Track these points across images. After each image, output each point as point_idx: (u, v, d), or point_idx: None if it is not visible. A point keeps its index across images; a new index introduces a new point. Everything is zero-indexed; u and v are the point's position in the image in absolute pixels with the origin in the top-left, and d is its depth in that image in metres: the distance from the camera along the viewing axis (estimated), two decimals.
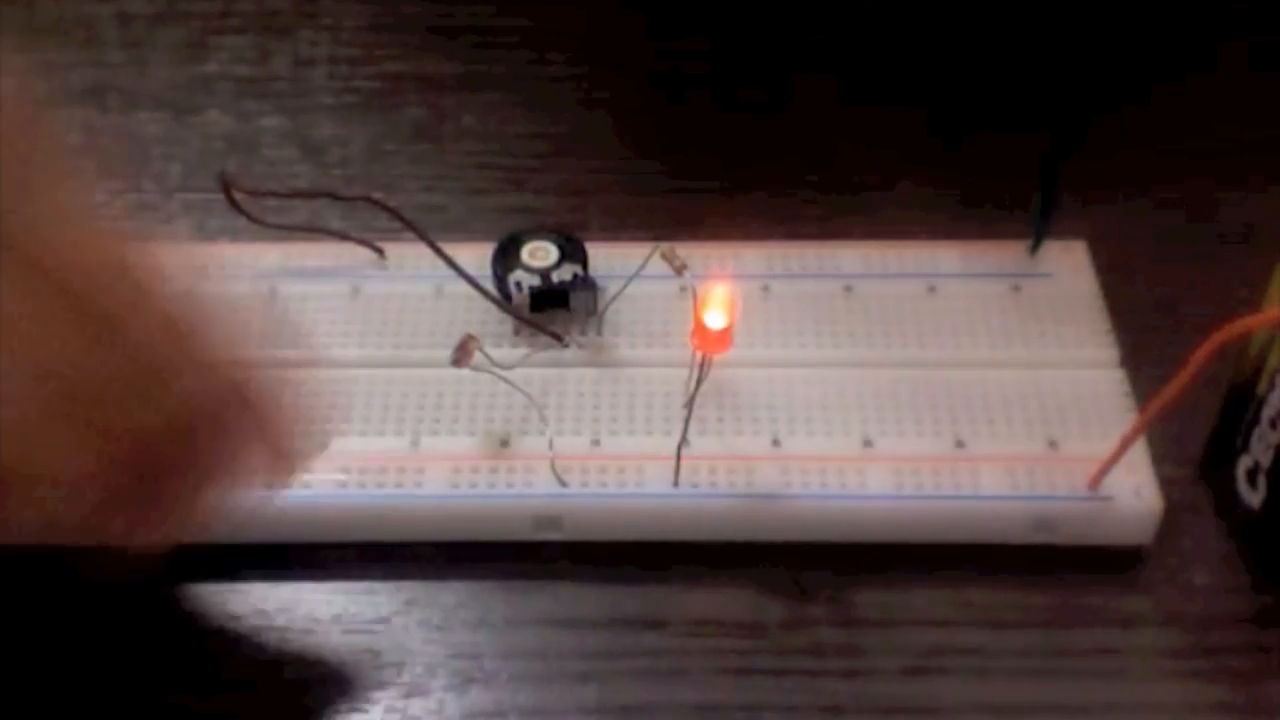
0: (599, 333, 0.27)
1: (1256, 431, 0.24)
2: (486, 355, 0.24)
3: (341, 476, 0.25)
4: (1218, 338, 0.21)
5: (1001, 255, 0.28)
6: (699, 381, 0.24)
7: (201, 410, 0.20)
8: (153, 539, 0.21)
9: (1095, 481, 0.24)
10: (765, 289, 0.27)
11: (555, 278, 0.26)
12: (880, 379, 0.26)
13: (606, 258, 0.27)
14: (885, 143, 0.31)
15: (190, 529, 0.21)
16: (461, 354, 0.24)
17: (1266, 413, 0.23)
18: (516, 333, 0.27)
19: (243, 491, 0.21)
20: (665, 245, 0.26)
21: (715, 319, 0.23)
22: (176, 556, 0.23)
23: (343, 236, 0.28)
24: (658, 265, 0.25)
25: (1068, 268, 0.27)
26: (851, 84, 0.33)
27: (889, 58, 0.33)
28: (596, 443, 0.25)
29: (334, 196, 0.29)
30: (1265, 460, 0.23)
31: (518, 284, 0.26)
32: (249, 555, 0.24)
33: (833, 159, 0.31)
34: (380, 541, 0.25)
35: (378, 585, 0.24)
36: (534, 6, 0.34)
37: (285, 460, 0.22)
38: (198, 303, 0.21)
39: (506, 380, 0.25)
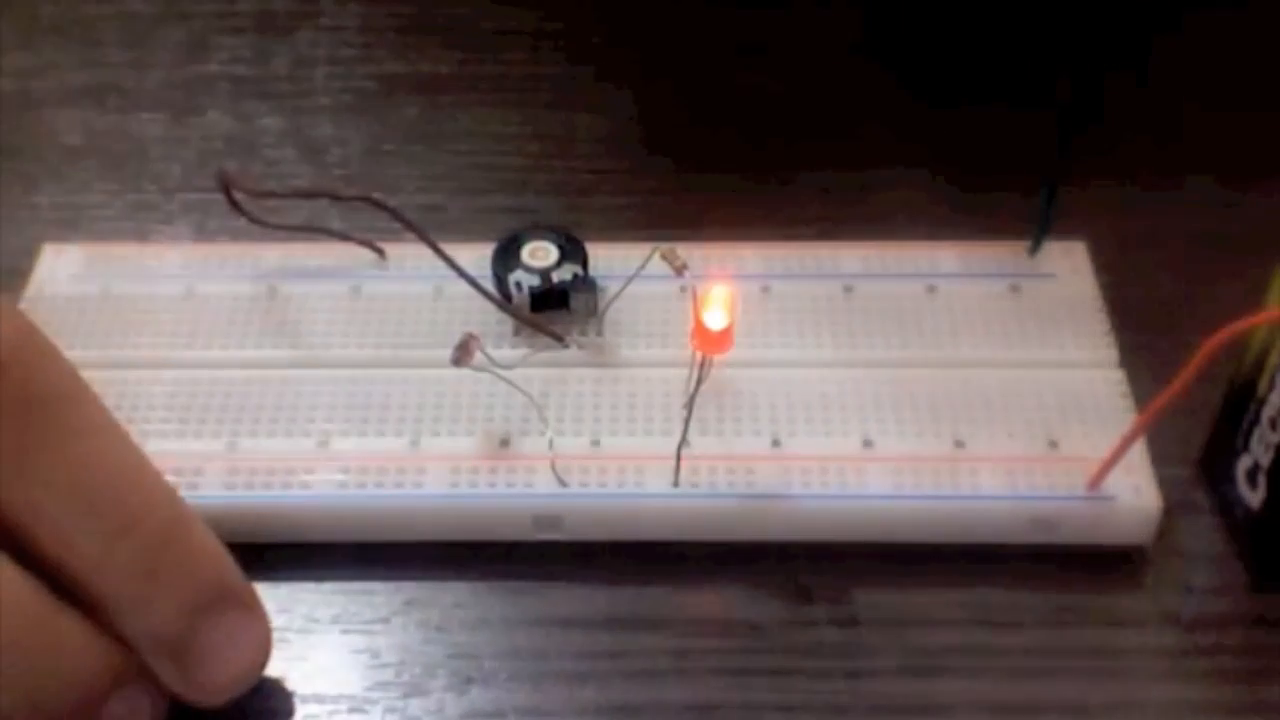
0: (599, 333, 0.27)
1: (1256, 431, 0.24)
2: (487, 355, 0.24)
3: (341, 476, 0.25)
4: (1218, 338, 0.21)
5: (1001, 255, 0.28)
6: (699, 381, 0.24)
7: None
8: None
9: (1095, 481, 0.24)
10: (765, 289, 0.27)
11: (555, 278, 0.26)
12: (880, 379, 0.26)
13: (606, 258, 0.27)
14: (885, 142, 0.31)
15: None
16: (462, 353, 0.24)
17: (1266, 413, 0.23)
18: (516, 333, 0.27)
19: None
20: (665, 245, 0.25)
21: (715, 319, 0.23)
22: None
23: (343, 236, 0.28)
24: (658, 265, 0.25)
25: (1068, 268, 0.27)
26: (851, 84, 0.33)
27: (889, 57, 0.33)
28: (596, 443, 0.25)
29: (334, 197, 0.29)
30: (1265, 460, 0.23)
31: (518, 284, 0.26)
32: (246, 555, 0.24)
33: (833, 158, 0.31)
34: (380, 541, 0.25)
35: (376, 585, 0.24)
36: (533, 7, 0.34)
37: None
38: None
39: (506, 380, 0.25)
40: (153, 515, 0.21)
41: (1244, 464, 0.24)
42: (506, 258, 0.27)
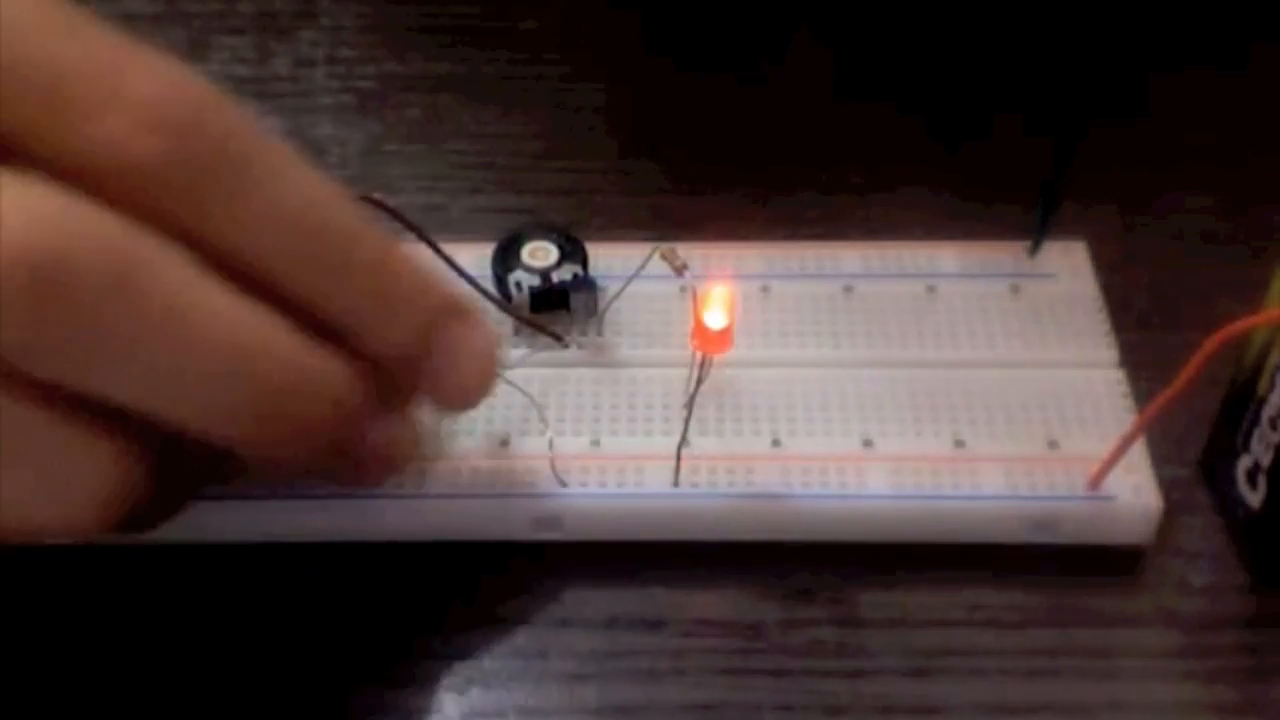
0: (599, 333, 0.27)
1: (1256, 431, 0.24)
2: None
3: None
4: (1218, 338, 0.21)
5: (1001, 255, 0.28)
6: (699, 381, 0.24)
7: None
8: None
9: (1095, 481, 0.24)
10: (765, 289, 0.27)
11: (555, 278, 0.26)
12: (880, 379, 0.26)
13: (606, 258, 0.27)
14: (885, 143, 0.31)
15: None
16: None
17: (1266, 413, 0.23)
18: (516, 333, 0.27)
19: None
20: (665, 245, 0.26)
21: (715, 319, 0.23)
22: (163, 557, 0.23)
23: None
24: (658, 265, 0.25)
25: (1068, 268, 0.27)
26: (851, 84, 0.33)
27: (889, 58, 0.33)
28: (596, 443, 0.25)
29: None
30: (1265, 460, 0.23)
31: (518, 284, 0.26)
32: (246, 555, 0.24)
33: (833, 159, 0.31)
34: (379, 541, 0.25)
35: (376, 586, 0.24)
36: (532, 7, 0.35)
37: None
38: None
39: (506, 380, 0.25)
40: (367, 238, 0.21)
41: (1244, 464, 0.24)
42: (506, 258, 0.27)
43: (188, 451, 0.21)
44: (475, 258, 0.27)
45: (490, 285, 0.26)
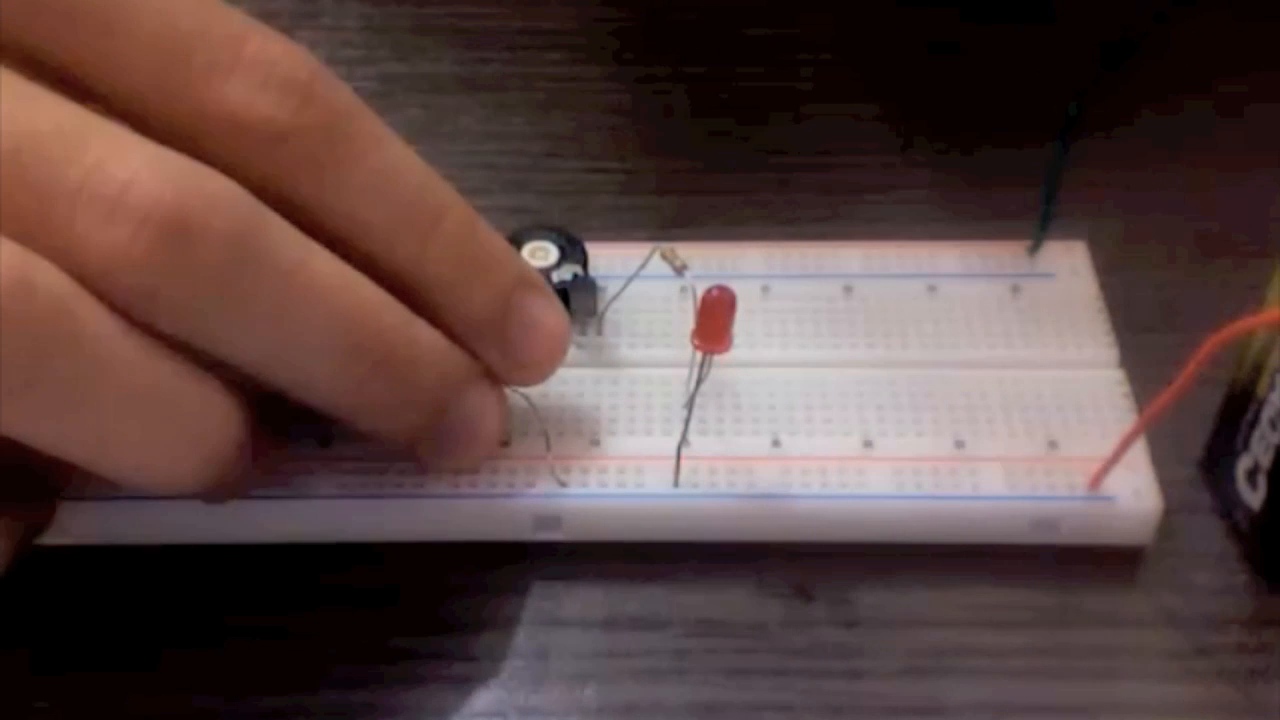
0: (599, 333, 0.27)
1: (1256, 431, 0.24)
2: None
3: (342, 477, 0.24)
4: (1218, 338, 0.21)
5: (1001, 255, 0.28)
6: (699, 381, 0.24)
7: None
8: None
9: (1095, 482, 0.24)
10: (765, 289, 0.27)
11: (555, 278, 0.26)
12: (880, 379, 0.26)
13: (606, 258, 0.27)
14: (885, 142, 0.31)
15: None
16: None
17: (1266, 413, 0.23)
18: None
19: None
20: (665, 245, 0.26)
21: (715, 319, 0.23)
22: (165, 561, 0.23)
23: None
24: (658, 265, 0.25)
25: (1068, 268, 0.27)
26: (851, 83, 0.33)
27: (889, 57, 0.33)
28: (596, 443, 0.25)
29: None
30: (1265, 460, 0.23)
31: None
32: (245, 556, 0.24)
33: (833, 159, 0.31)
34: (379, 541, 0.25)
35: (376, 586, 0.24)
36: (532, 7, 0.34)
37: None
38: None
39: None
40: (453, 208, 0.22)
41: (1244, 464, 0.24)
42: None
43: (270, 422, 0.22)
44: None
45: None
